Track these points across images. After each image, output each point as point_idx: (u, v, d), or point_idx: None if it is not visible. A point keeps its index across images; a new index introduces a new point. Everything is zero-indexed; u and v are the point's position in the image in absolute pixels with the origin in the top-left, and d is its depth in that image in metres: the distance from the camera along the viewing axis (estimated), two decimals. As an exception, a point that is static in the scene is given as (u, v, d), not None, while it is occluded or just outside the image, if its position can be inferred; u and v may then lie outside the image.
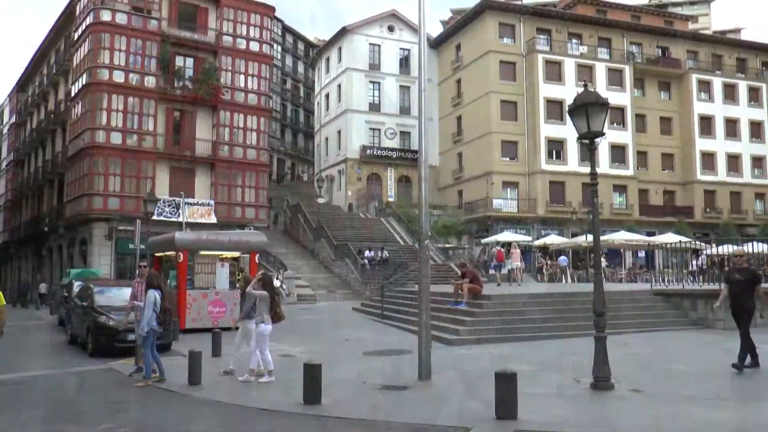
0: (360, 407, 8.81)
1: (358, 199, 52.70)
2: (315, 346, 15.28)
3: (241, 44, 40.32)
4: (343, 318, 23.18)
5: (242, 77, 40.17)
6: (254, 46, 40.90)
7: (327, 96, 59.18)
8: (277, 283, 30.16)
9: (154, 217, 27.47)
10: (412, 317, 16.53)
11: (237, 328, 13.03)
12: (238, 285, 16.77)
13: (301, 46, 76.16)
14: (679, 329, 16.70)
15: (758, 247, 25.88)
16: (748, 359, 10.57)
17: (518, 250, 31.28)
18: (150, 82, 36.67)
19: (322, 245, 41.77)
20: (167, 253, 21.00)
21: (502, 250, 31.79)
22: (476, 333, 15.23)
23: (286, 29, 72.58)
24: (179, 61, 38.78)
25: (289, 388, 9.85)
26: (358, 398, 9.37)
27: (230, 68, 39.71)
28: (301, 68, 75.45)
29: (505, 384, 7.81)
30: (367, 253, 37.73)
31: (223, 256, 20.68)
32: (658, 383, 9.82)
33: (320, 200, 45.67)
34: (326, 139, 58.82)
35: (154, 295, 11.36)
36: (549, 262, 40.65)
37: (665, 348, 13.70)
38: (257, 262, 21.98)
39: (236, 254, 21.45)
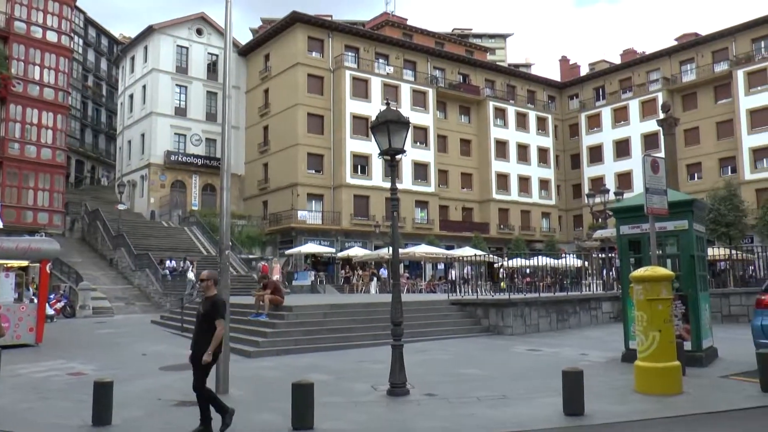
0: (153, 425, 8.44)
1: (161, 207, 50.73)
2: (109, 363, 14.42)
3: (37, 32, 37.54)
4: (141, 332, 22.10)
5: (37, 69, 37.41)
6: (52, 36, 38.24)
7: (131, 96, 56.50)
8: (190, 275, 29.24)
9: (-76, 219, 24.80)
10: (213, 329, 16.15)
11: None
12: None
13: (105, 41, 72.19)
14: (473, 336, 17.69)
15: (543, 261, 28.12)
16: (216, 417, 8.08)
17: (278, 265, 32.58)
18: (-77, 67, 33.23)
19: (121, 254, 39.57)
20: (-62, 261, 18.86)
21: (267, 264, 32.72)
22: (277, 344, 15.14)
23: (89, 22, 68.61)
24: (-40, 45, 35.43)
25: (78, 409, 9.20)
26: (152, 416, 8.97)
27: (23, 58, 36.84)
28: (104, 65, 71.49)
29: (302, 394, 7.85)
30: (168, 263, 36.35)
31: (9, 265, 18.90)
32: (451, 387, 10.29)
33: (121, 206, 43.31)
34: (129, 142, 56.10)
35: None
36: (361, 272, 41.37)
37: (459, 353, 14.39)
38: (49, 271, 20.41)
39: (24, 263, 19.72)
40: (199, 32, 54.67)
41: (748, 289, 19.88)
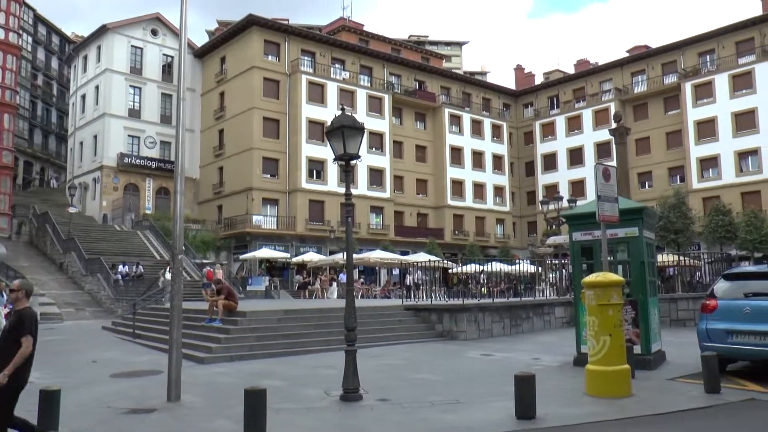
0: (102, 433, 8.29)
1: (113, 210, 49.82)
2: (57, 370, 14.00)
3: (-18, 29, 36.70)
4: (91, 338, 21.61)
5: (-18, 66, 36.55)
6: (-2, 33, 37.40)
7: (83, 97, 55.43)
8: (168, 275, 29.85)
9: None
10: (166, 336, 15.89)
11: None
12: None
13: (56, 39, 70.69)
14: (427, 341, 17.76)
15: (497, 267, 28.39)
16: None
17: (221, 270, 32.71)
18: None
19: (72, 259, 38.70)
20: None
21: (212, 269, 32.73)
22: (230, 350, 14.99)
23: (39, 19, 67.13)
24: None
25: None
26: (101, 425, 8.78)
27: (-33, 55, 35.99)
28: (55, 64, 69.99)
29: (254, 400, 7.78)
30: (120, 267, 35.66)
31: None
32: (404, 391, 10.31)
33: (72, 210, 42.37)
34: (81, 143, 55.01)
35: None
36: (322, 277, 41.01)
37: (413, 358, 14.43)
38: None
39: (-35, 265, 19.17)
40: (154, 33, 53.97)
41: (694, 294, 20.41)
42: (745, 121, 50.70)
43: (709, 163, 52.38)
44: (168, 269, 32.37)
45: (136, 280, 34.65)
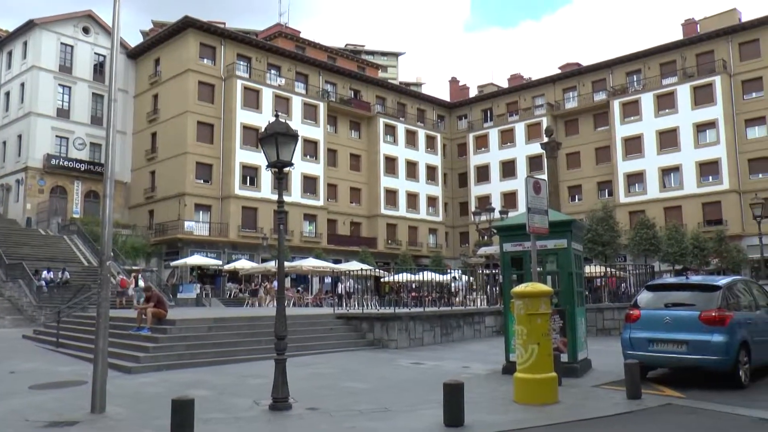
0: (18, 446, 8.00)
1: (38, 214, 48.17)
2: (-30, 382, 13.44)
3: None
4: (10, 347, 20.72)
5: None
6: None
7: (7, 94, 53.42)
8: (141, 283, 29.37)
9: None
10: (92, 345, 15.44)
11: None
12: None
13: (-23, 34, 68.09)
14: (358, 349, 17.80)
15: (429, 276, 28.57)
16: None
17: (134, 279, 32.41)
18: None
19: (-9, 264, 37.23)
20: None
21: (124, 277, 32.35)
22: (159, 359, 14.68)
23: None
24: None
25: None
26: (17, 437, 8.49)
27: None
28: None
29: (182, 411, 7.65)
30: (45, 273, 34.45)
31: None
32: (334, 400, 10.30)
33: (-8, 212, 40.93)
34: (4, 143, 53.00)
35: None
36: (267, 285, 40.37)
37: (344, 367, 14.42)
38: None
39: None
40: (85, 31, 52.55)
41: (620, 305, 21.04)
42: (668, 139, 52.66)
43: (635, 179, 54.14)
44: (140, 276, 31.59)
45: (61, 286, 33.54)
